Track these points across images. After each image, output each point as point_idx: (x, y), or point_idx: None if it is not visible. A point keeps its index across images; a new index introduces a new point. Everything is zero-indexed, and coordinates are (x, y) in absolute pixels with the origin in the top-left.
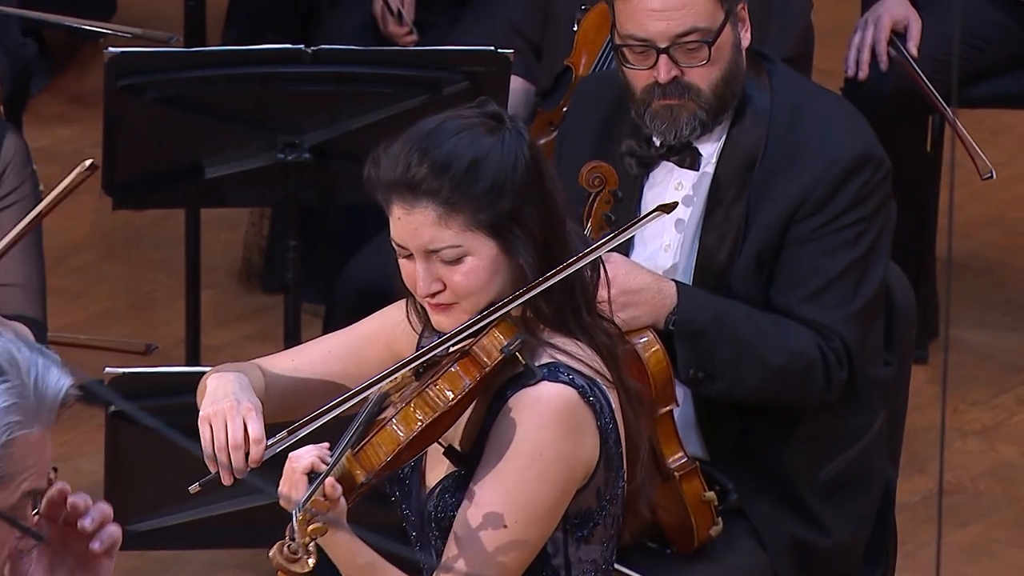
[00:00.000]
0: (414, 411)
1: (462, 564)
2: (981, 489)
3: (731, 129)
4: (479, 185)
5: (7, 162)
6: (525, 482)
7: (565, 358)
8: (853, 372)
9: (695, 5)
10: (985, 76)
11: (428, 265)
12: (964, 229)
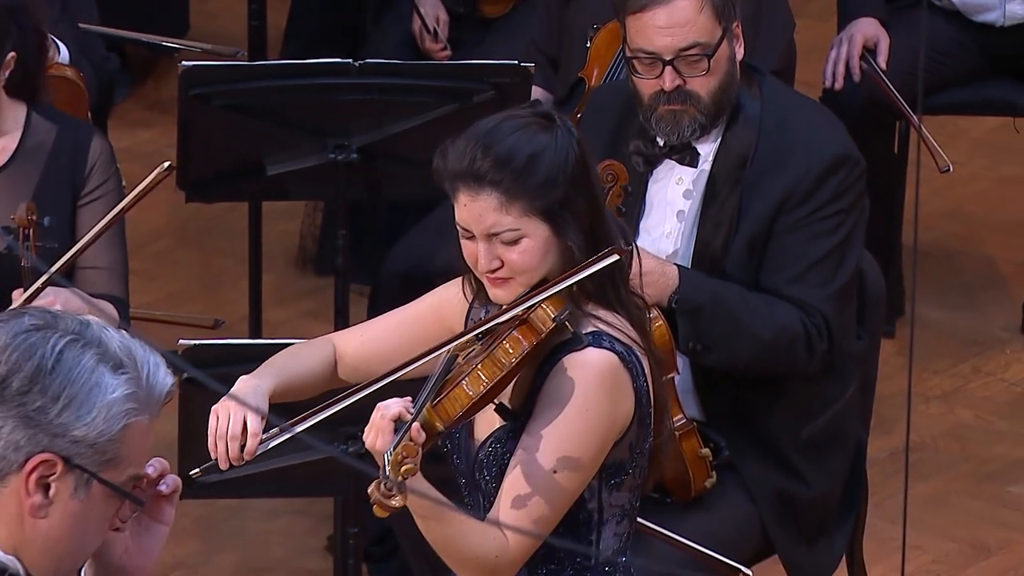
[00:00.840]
0: (483, 371)
1: (516, 505)
2: (941, 447)
3: (726, 132)
4: (536, 177)
5: (94, 161)
6: (573, 435)
7: (606, 327)
8: (832, 345)
9: (697, 23)
10: (945, 87)
11: (489, 246)
12: (927, 221)
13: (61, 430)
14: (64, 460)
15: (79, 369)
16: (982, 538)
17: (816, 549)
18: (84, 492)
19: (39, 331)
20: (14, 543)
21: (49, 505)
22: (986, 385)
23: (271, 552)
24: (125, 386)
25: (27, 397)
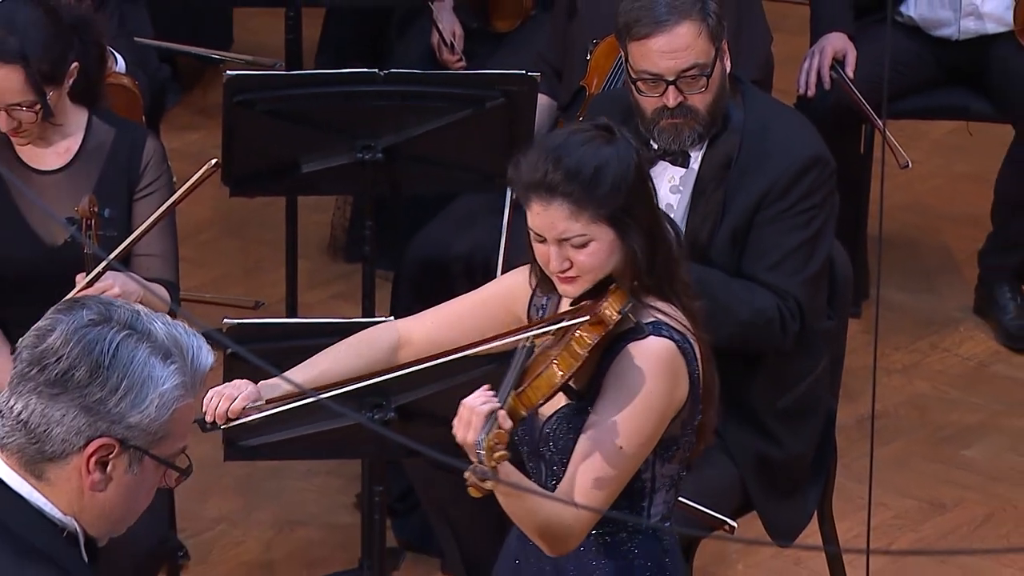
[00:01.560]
0: (561, 361)
1: (588, 476)
2: (902, 415)
3: (715, 139)
4: (602, 187)
5: (148, 160)
6: (638, 415)
7: (664, 317)
8: (804, 325)
9: (695, 46)
10: (906, 94)
11: (560, 249)
12: (889, 213)
13: (118, 417)
14: (120, 442)
15: (133, 364)
16: (938, 496)
17: (790, 505)
18: (137, 467)
19: (96, 326)
20: (73, 509)
21: (107, 481)
22: (942, 360)
23: (306, 508)
24: (175, 376)
25: (88, 389)
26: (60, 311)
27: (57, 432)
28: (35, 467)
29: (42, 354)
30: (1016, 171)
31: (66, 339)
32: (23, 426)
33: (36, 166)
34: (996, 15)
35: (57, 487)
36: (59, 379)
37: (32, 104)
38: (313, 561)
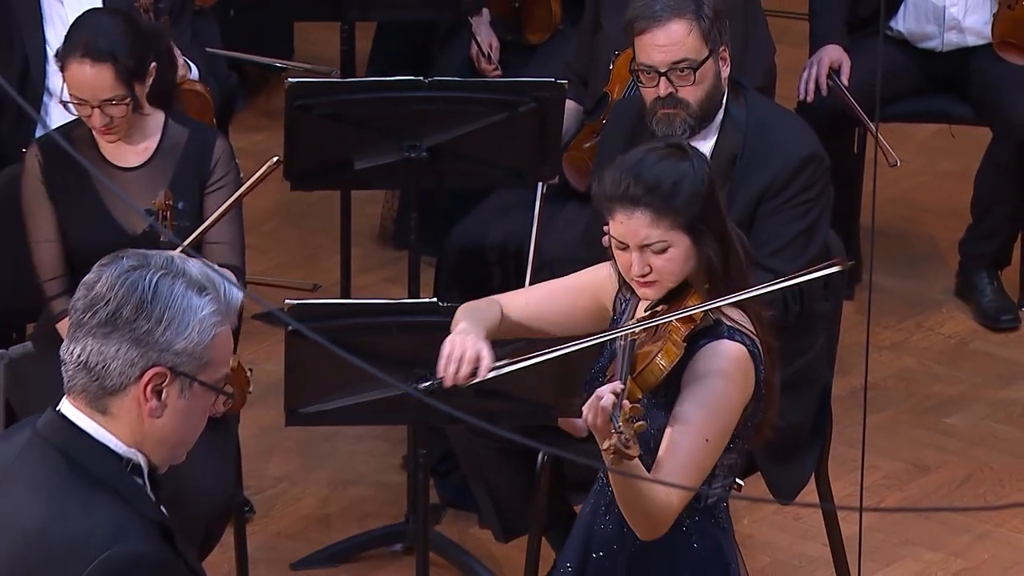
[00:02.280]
0: (668, 350)
1: (679, 465)
2: (890, 387)
3: (719, 135)
4: (679, 199)
5: (218, 157)
6: (719, 411)
7: (736, 323)
8: (803, 306)
9: (686, 43)
10: (895, 100)
11: (641, 255)
12: (880, 207)
13: (166, 346)
14: (171, 370)
15: (173, 296)
16: (923, 459)
17: (791, 468)
18: (188, 392)
19: (136, 270)
20: (136, 439)
21: (163, 407)
22: (926, 338)
23: (357, 468)
24: (210, 304)
25: (135, 324)
26: (103, 264)
27: (114, 367)
28: (99, 403)
29: (92, 301)
30: (993, 169)
31: (111, 284)
32: (84, 367)
33: (119, 163)
34: (976, 29)
35: (120, 419)
36: (109, 319)
37: (123, 98)
38: (364, 516)
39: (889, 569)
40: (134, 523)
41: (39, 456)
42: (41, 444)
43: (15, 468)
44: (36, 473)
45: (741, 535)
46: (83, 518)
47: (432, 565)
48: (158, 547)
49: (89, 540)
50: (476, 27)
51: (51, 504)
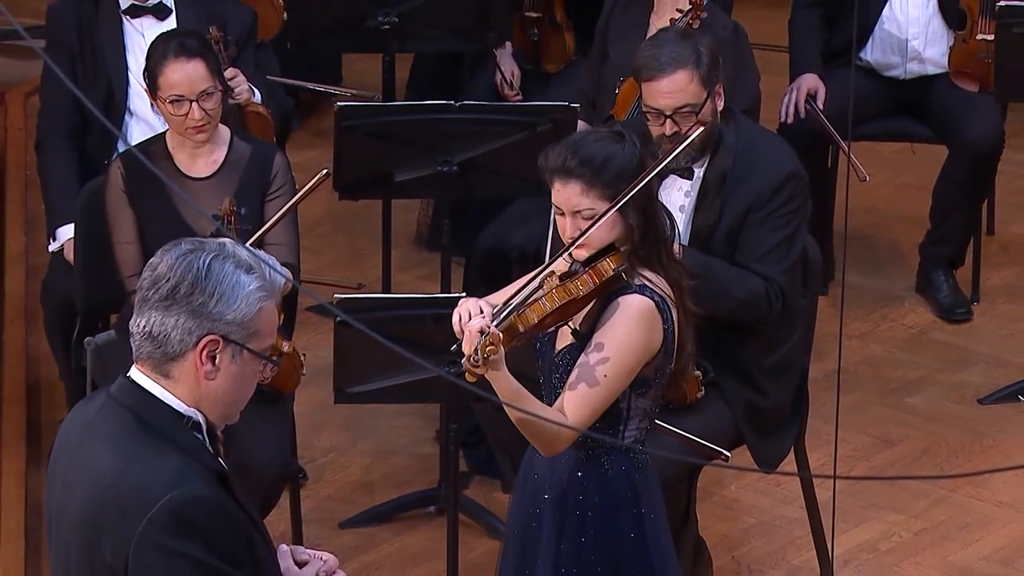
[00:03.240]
0: (559, 293)
1: (577, 396)
2: (859, 371)
3: (712, 155)
4: (608, 174)
5: (277, 170)
6: (619, 351)
7: (649, 282)
8: (784, 303)
9: (688, 89)
10: (864, 122)
11: (573, 220)
12: (850, 215)
13: (218, 316)
14: (223, 337)
15: (223, 274)
16: (887, 434)
17: (773, 442)
18: (239, 358)
19: (192, 252)
20: (194, 399)
21: (217, 371)
22: (890, 328)
23: (396, 441)
24: (256, 281)
25: (191, 297)
26: (165, 249)
27: (174, 335)
28: (162, 367)
29: (154, 279)
30: (949, 182)
31: (171, 265)
32: (148, 336)
33: (191, 174)
34: (935, 60)
35: (180, 382)
36: (169, 294)
37: (216, 88)
38: (401, 482)
39: (858, 529)
40: (193, 471)
41: (114, 415)
42: (115, 405)
43: (93, 426)
44: (111, 430)
45: (728, 499)
46: (149, 467)
47: (461, 525)
48: (214, 490)
49: (154, 485)
50: (500, 58)
51: (123, 455)
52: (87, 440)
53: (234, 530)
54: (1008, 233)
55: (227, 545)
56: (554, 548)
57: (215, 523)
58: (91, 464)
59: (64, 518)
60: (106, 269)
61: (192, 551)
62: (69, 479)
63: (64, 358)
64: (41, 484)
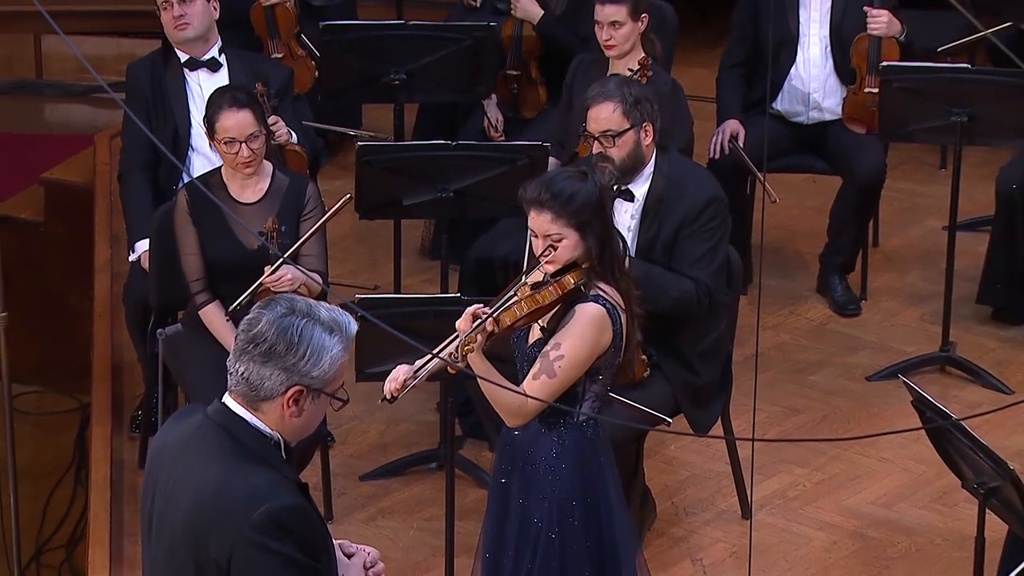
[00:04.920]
0: (529, 302)
1: (537, 379)
2: (772, 355)
3: (651, 182)
4: (573, 206)
5: (309, 196)
6: (573, 344)
7: (604, 293)
8: (712, 300)
9: (611, 118)
10: (775, 157)
11: (544, 241)
12: (764, 231)
13: (305, 372)
14: (307, 387)
15: (313, 339)
16: (794, 404)
17: (705, 411)
18: (316, 400)
19: (289, 315)
20: (278, 428)
21: (300, 412)
22: (796, 321)
23: (405, 411)
24: (338, 344)
25: (285, 358)
26: (261, 307)
27: (267, 384)
28: (253, 404)
29: (254, 336)
30: (842, 205)
31: (269, 325)
32: (245, 380)
33: (241, 200)
34: (831, 108)
35: (268, 415)
36: (267, 352)
37: (261, 132)
38: (410, 443)
39: (771, 480)
40: (282, 483)
41: (212, 434)
42: (212, 425)
43: (192, 444)
44: (210, 448)
45: (668, 456)
46: (248, 480)
47: (456, 477)
48: (299, 499)
49: (253, 495)
50: (487, 107)
51: (223, 469)
52: (187, 456)
53: (314, 530)
54: (889, 245)
55: (311, 543)
56: (522, 501)
57: (302, 526)
58: (194, 478)
59: (166, 522)
60: (174, 275)
61: (286, 550)
62: (171, 489)
63: (141, 346)
64: (123, 445)
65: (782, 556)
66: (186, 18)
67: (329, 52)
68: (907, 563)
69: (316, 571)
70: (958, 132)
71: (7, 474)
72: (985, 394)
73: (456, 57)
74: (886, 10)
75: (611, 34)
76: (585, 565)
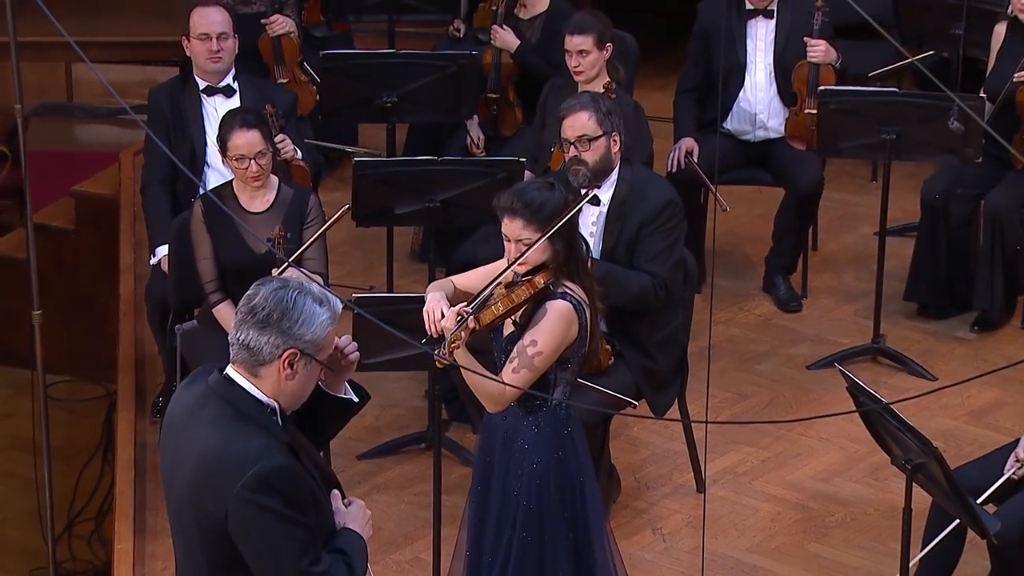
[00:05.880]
0: (505, 301)
1: (514, 369)
2: (724, 346)
3: (615, 188)
4: (543, 214)
5: (311, 206)
6: (545, 336)
7: (571, 290)
8: (669, 294)
9: (586, 126)
10: (725, 171)
11: (516, 246)
12: (716, 236)
13: (299, 337)
14: (301, 351)
15: (305, 306)
16: (743, 391)
17: (663, 395)
18: (309, 365)
19: (282, 288)
20: (274, 393)
21: (295, 375)
22: (745, 316)
23: (396, 396)
24: (326, 313)
25: (281, 323)
26: (258, 284)
27: (266, 349)
28: (253, 369)
29: (253, 307)
30: (785, 213)
31: (266, 297)
32: (246, 347)
33: (250, 210)
34: (775, 127)
35: (265, 380)
36: (265, 318)
37: (268, 150)
38: (401, 426)
39: (722, 458)
40: (273, 446)
41: (213, 402)
42: (213, 395)
43: (195, 410)
44: (212, 413)
45: (631, 436)
46: (242, 442)
47: (443, 457)
48: (288, 461)
49: (247, 456)
50: (469, 126)
51: (222, 434)
52: (192, 423)
53: (301, 487)
54: (827, 249)
55: (298, 498)
56: (503, 477)
57: (290, 484)
58: (197, 442)
59: (175, 482)
60: (190, 277)
61: (274, 505)
62: (179, 453)
63: (161, 340)
64: (146, 428)
65: (732, 525)
66: (221, 53)
67: (329, 78)
68: (843, 531)
69: (303, 524)
70: (887, 148)
71: (42, 454)
72: (912, 381)
73: (442, 82)
74: (823, 40)
75: (579, 61)
76: (562, 533)
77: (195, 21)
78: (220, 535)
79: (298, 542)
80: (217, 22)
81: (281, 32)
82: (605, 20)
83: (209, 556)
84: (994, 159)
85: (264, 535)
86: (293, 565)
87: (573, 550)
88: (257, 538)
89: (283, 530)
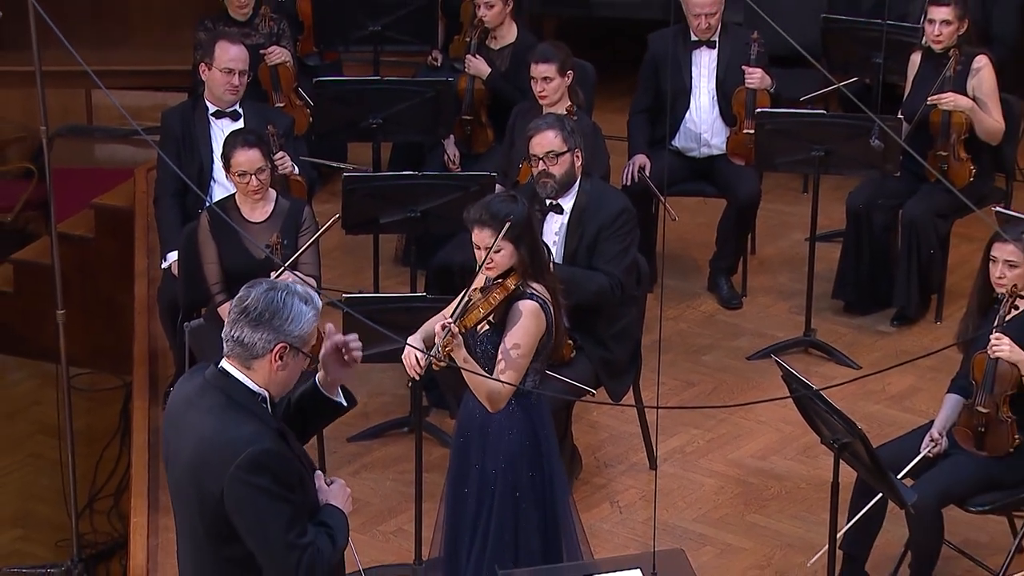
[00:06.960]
0: (484, 304)
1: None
2: (674, 340)
3: (576, 197)
4: (509, 223)
5: (306, 216)
6: (522, 335)
7: (538, 291)
8: (624, 292)
9: (553, 143)
10: (674, 184)
11: (485, 252)
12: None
13: (288, 332)
14: (289, 345)
15: (293, 306)
16: (691, 379)
17: (619, 383)
18: (296, 357)
19: (272, 290)
20: (265, 383)
21: (284, 367)
22: (691, 313)
23: (384, 386)
24: (311, 311)
25: (272, 320)
26: (249, 286)
27: (259, 344)
28: (246, 363)
29: (245, 308)
30: (726, 221)
31: (257, 298)
32: (240, 343)
33: (251, 220)
34: (718, 145)
35: (257, 372)
36: (257, 317)
37: (267, 167)
38: (387, 412)
39: (672, 439)
40: (264, 432)
41: (210, 392)
42: (210, 386)
43: (195, 401)
44: (209, 403)
45: (591, 420)
46: (235, 429)
47: (424, 439)
48: (277, 444)
49: (238, 441)
50: (446, 145)
51: (217, 421)
52: (191, 411)
53: (289, 468)
54: (764, 253)
55: (286, 478)
56: (481, 458)
57: (278, 465)
58: (196, 429)
59: (176, 464)
60: (198, 280)
61: (264, 483)
62: (179, 439)
63: (171, 336)
64: (159, 415)
65: (681, 498)
66: (239, 87)
67: (321, 102)
68: (779, 503)
69: (290, 500)
70: (816, 164)
71: (66, 439)
72: (839, 370)
73: (422, 105)
74: (760, 68)
75: (543, 87)
76: (532, 504)
77: (219, 55)
78: (216, 511)
79: (286, 517)
80: (241, 60)
81: (278, 61)
82: (566, 50)
83: (208, 530)
84: (911, 173)
85: (256, 511)
86: (282, 537)
87: (543, 522)
88: (249, 513)
89: (273, 506)
